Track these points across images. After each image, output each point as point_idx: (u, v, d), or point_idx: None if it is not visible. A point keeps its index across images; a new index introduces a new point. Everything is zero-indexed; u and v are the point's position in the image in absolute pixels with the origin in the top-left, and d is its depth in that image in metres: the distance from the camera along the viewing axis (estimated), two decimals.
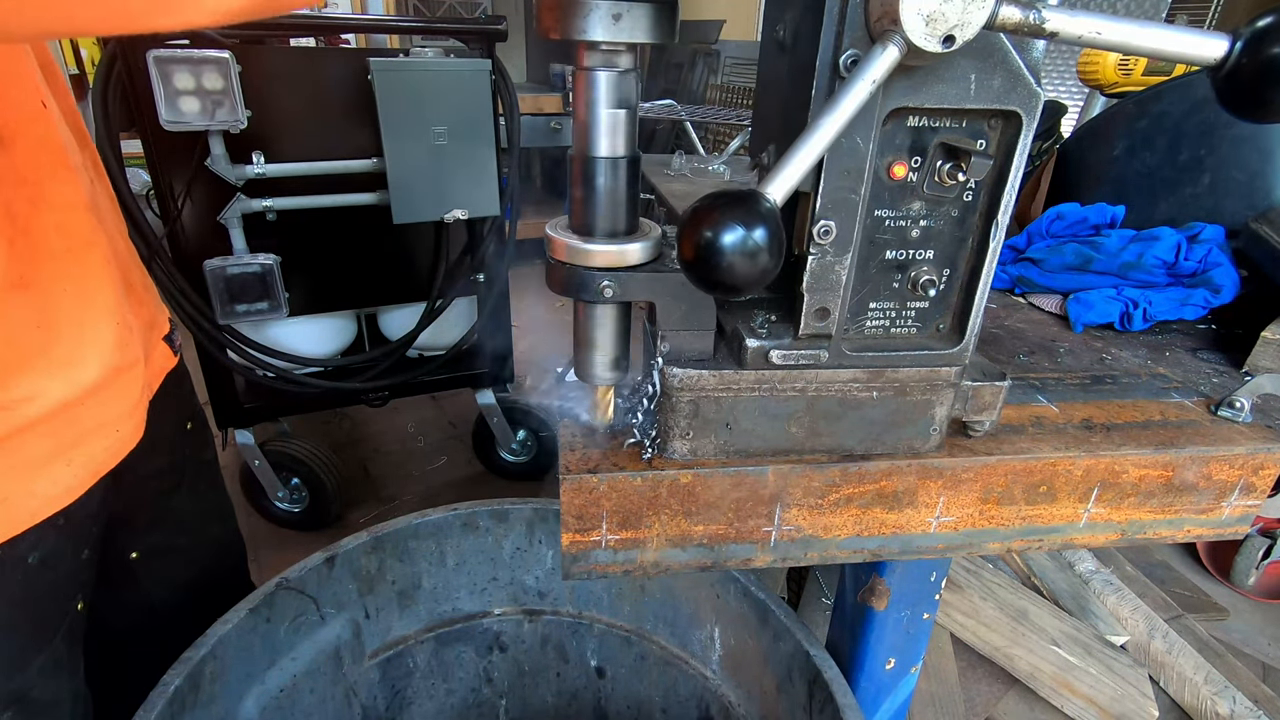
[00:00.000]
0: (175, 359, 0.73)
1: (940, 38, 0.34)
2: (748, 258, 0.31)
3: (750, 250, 0.31)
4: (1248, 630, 1.73)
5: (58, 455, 0.56)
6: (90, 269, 0.57)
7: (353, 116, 1.46)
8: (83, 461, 0.58)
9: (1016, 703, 1.50)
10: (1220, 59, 0.34)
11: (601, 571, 0.50)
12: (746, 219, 0.31)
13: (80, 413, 0.56)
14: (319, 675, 0.86)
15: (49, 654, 0.61)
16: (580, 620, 0.99)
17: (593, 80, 0.40)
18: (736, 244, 0.31)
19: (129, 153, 1.45)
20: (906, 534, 0.53)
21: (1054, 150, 1.02)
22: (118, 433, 0.61)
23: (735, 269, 0.32)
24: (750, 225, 0.31)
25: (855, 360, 0.47)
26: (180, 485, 0.80)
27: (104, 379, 0.58)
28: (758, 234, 0.31)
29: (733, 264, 0.32)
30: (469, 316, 1.82)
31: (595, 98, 0.41)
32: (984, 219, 0.45)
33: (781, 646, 0.77)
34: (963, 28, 0.33)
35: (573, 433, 0.52)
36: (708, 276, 0.32)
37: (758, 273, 0.32)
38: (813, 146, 0.34)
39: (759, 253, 0.32)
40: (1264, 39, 0.32)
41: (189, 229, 1.45)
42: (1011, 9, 0.34)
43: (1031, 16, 0.34)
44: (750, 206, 0.32)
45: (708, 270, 0.32)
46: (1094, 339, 0.75)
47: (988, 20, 0.34)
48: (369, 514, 2.00)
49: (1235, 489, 0.55)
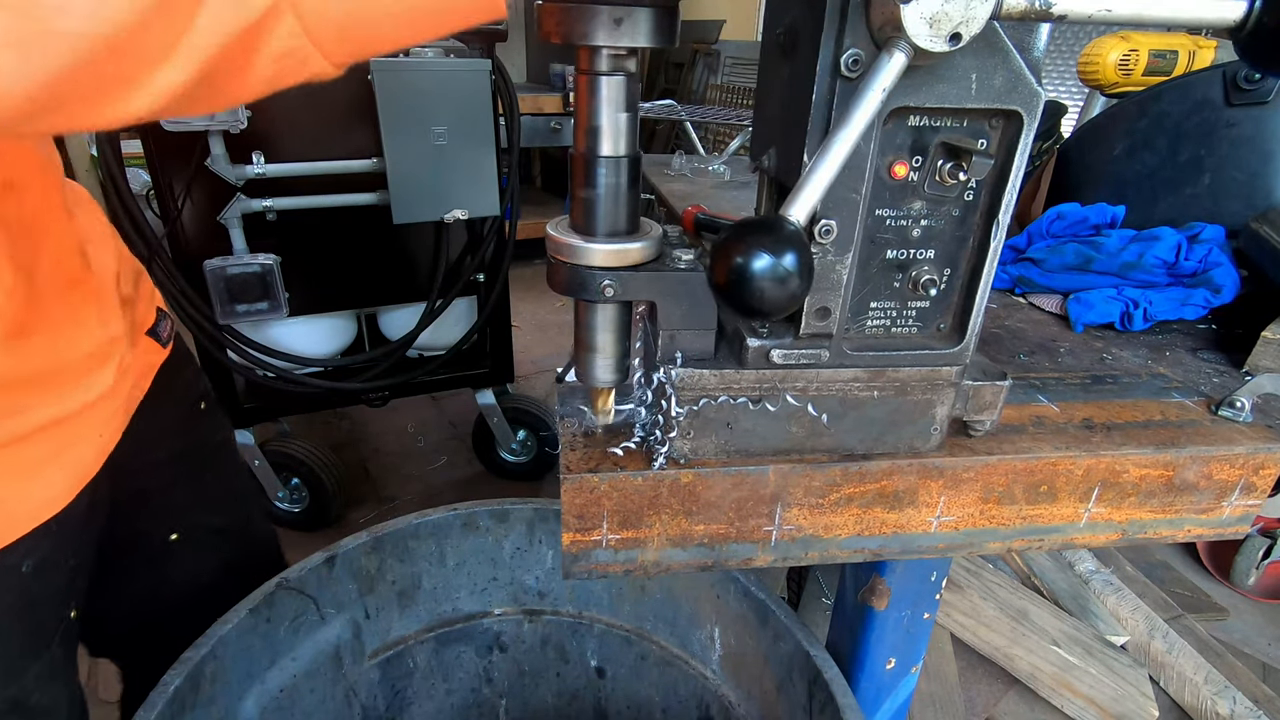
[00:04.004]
0: (166, 350, 0.73)
1: (946, 37, 0.34)
2: (778, 283, 0.33)
3: (781, 276, 0.32)
4: (1248, 630, 1.73)
5: (51, 460, 0.56)
6: (81, 303, 0.58)
7: (353, 116, 1.46)
8: (73, 466, 0.58)
9: (1016, 703, 1.50)
10: (1241, 19, 0.34)
11: (602, 571, 0.50)
12: (775, 246, 0.32)
13: (71, 424, 0.57)
14: (319, 675, 0.86)
15: (46, 661, 0.61)
16: (580, 620, 0.99)
17: (594, 84, 0.40)
18: (766, 271, 0.32)
19: (129, 153, 1.45)
20: (907, 533, 0.53)
21: (1054, 150, 1.02)
22: (100, 437, 0.61)
23: (767, 295, 0.33)
24: (779, 252, 0.32)
25: (856, 360, 0.47)
26: (206, 464, 0.81)
27: (96, 399, 0.59)
28: (787, 260, 0.32)
29: (764, 290, 0.33)
30: (469, 316, 1.82)
31: (596, 100, 0.41)
32: (985, 218, 0.45)
33: (781, 646, 0.77)
34: (968, 24, 0.34)
35: (573, 432, 0.52)
36: (741, 304, 0.34)
37: (788, 297, 0.33)
38: (830, 163, 0.35)
39: (789, 278, 0.33)
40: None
41: (189, 229, 1.45)
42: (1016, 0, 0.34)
43: (1038, 2, 0.34)
44: (778, 233, 0.33)
45: (741, 298, 0.33)
46: (1094, 339, 0.75)
47: (994, 11, 0.34)
48: (369, 514, 2.00)
49: (1236, 489, 0.55)
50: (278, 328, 1.62)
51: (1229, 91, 0.82)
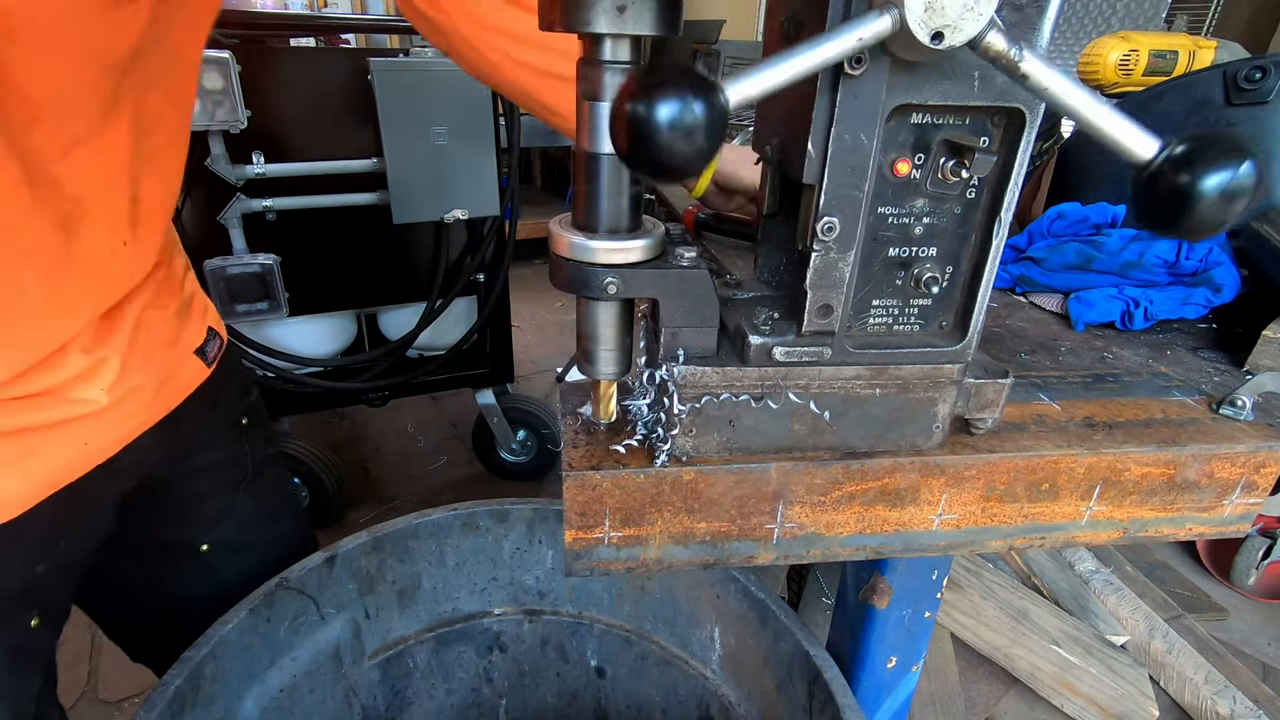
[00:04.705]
0: (209, 369, 0.73)
1: (931, 31, 0.34)
2: (685, 134, 0.29)
3: (689, 125, 0.29)
4: (1248, 630, 1.74)
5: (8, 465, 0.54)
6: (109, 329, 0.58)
7: (353, 116, 1.46)
8: (40, 474, 0.56)
9: (1016, 702, 1.50)
10: (1147, 161, 0.34)
11: (604, 569, 0.50)
12: (692, 89, 0.29)
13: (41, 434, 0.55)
14: (319, 675, 0.86)
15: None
16: (580, 620, 0.99)
17: (596, 75, 0.40)
18: (675, 116, 0.29)
19: None
20: (909, 531, 0.53)
21: (1055, 150, 1.02)
22: (85, 445, 0.59)
23: (673, 147, 0.30)
24: (692, 98, 0.29)
25: (858, 357, 0.47)
26: (243, 480, 0.81)
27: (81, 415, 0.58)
28: (697, 107, 0.29)
29: (669, 140, 0.30)
30: (469, 316, 1.82)
31: (600, 92, 0.40)
32: (987, 216, 0.45)
33: (781, 646, 0.77)
34: (954, 30, 0.34)
35: (575, 430, 0.52)
36: (642, 153, 0.30)
37: (694, 151, 0.30)
38: (779, 71, 0.33)
39: (696, 130, 0.30)
40: (1186, 161, 0.33)
41: (189, 229, 1.45)
42: (999, 37, 0.34)
43: (1014, 52, 0.34)
44: (698, 80, 0.30)
45: (644, 145, 0.30)
46: (1095, 338, 0.75)
47: (977, 35, 0.34)
48: (369, 514, 2.00)
49: (1237, 487, 0.55)
50: (278, 327, 1.62)
51: (1229, 91, 0.82)
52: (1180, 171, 0.33)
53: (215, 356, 0.73)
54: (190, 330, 0.70)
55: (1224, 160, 0.32)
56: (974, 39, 0.34)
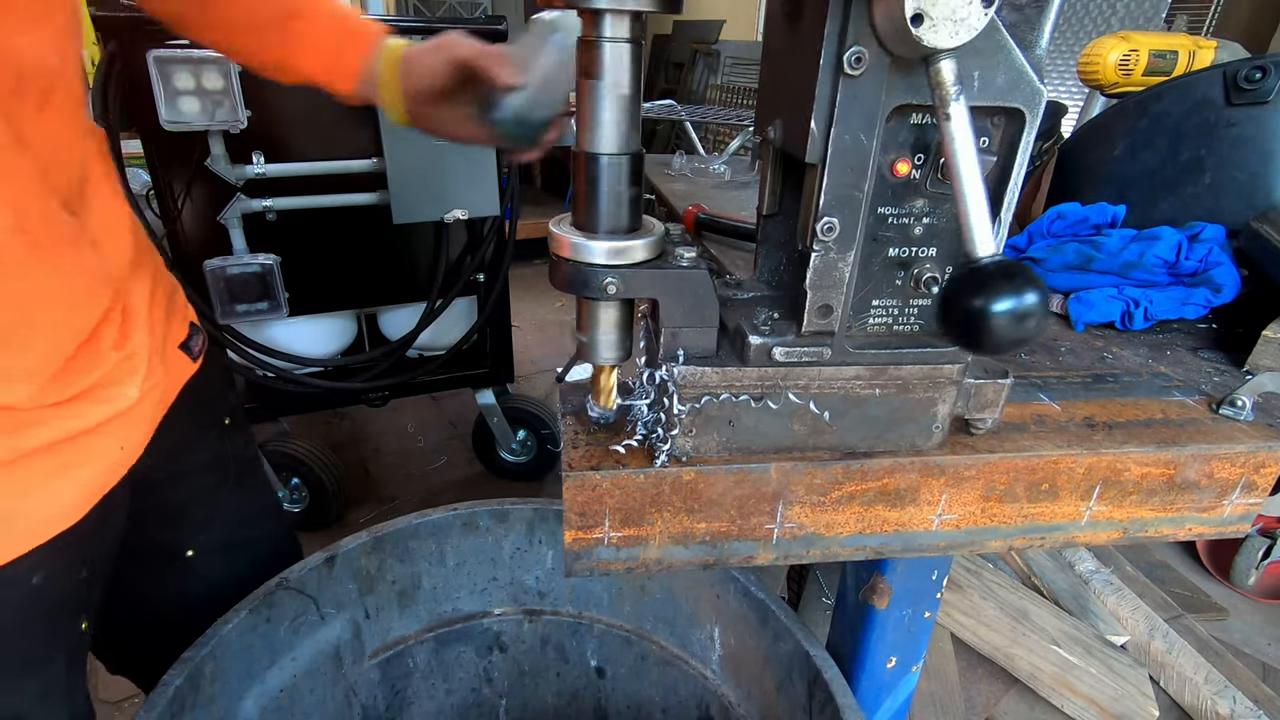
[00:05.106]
0: (196, 364, 0.72)
1: (914, 11, 0.34)
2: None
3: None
4: (1248, 630, 1.73)
5: (62, 474, 0.55)
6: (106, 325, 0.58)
7: (353, 116, 1.46)
8: (89, 481, 0.57)
9: (1016, 702, 1.50)
10: (975, 257, 0.36)
11: (604, 568, 0.50)
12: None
13: (89, 438, 0.56)
14: (319, 675, 0.86)
15: (47, 677, 0.60)
16: (580, 620, 0.99)
17: (597, 53, 0.40)
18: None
19: (129, 153, 1.45)
20: (909, 531, 0.53)
21: (1054, 150, 1.02)
22: (121, 450, 0.60)
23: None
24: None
25: (858, 358, 0.47)
26: (226, 481, 0.80)
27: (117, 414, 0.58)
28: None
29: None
30: (469, 316, 1.82)
31: (599, 73, 0.40)
32: None
33: (781, 646, 0.77)
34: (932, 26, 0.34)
35: (575, 430, 0.52)
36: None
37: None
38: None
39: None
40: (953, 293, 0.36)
41: (189, 229, 1.45)
42: (950, 68, 0.35)
43: (953, 92, 0.35)
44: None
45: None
46: (1095, 338, 0.75)
47: (941, 49, 0.35)
48: (369, 514, 2.00)
49: (1237, 487, 0.55)
50: (278, 327, 1.62)
51: (1229, 91, 0.82)
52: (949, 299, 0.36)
53: (200, 351, 0.73)
54: (175, 325, 0.70)
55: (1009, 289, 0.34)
56: (935, 51, 0.35)
